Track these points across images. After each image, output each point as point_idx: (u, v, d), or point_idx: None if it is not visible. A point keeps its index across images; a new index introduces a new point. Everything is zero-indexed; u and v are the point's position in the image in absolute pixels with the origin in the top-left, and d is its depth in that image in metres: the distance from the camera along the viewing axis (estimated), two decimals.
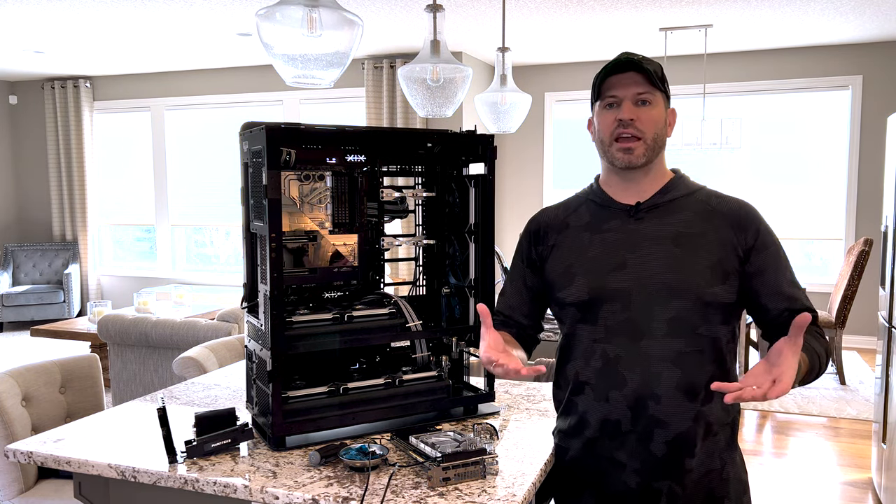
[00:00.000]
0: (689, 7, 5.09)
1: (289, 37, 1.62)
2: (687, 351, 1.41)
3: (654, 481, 1.45)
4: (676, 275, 1.41)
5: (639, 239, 1.45)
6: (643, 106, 1.43)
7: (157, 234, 8.22)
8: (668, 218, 1.46)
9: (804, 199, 6.69)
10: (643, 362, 1.42)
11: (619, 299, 1.44)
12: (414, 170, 1.90)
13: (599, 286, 1.45)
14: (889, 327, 3.21)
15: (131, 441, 1.65)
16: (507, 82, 3.38)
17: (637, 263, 1.43)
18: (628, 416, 1.44)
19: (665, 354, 1.41)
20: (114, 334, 4.12)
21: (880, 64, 6.38)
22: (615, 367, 1.44)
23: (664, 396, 1.41)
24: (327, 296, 1.85)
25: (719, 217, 1.46)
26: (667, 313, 1.41)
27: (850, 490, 3.60)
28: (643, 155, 1.45)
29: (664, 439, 1.43)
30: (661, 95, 1.46)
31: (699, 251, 1.42)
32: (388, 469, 1.49)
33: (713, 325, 1.42)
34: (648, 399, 1.42)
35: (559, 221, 1.57)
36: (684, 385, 1.41)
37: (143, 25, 5.63)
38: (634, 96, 1.43)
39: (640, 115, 1.43)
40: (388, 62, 6.80)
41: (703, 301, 1.40)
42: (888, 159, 3.35)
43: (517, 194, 7.53)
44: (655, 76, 1.43)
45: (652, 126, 1.44)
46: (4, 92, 8.43)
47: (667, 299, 1.41)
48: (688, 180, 1.53)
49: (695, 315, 1.41)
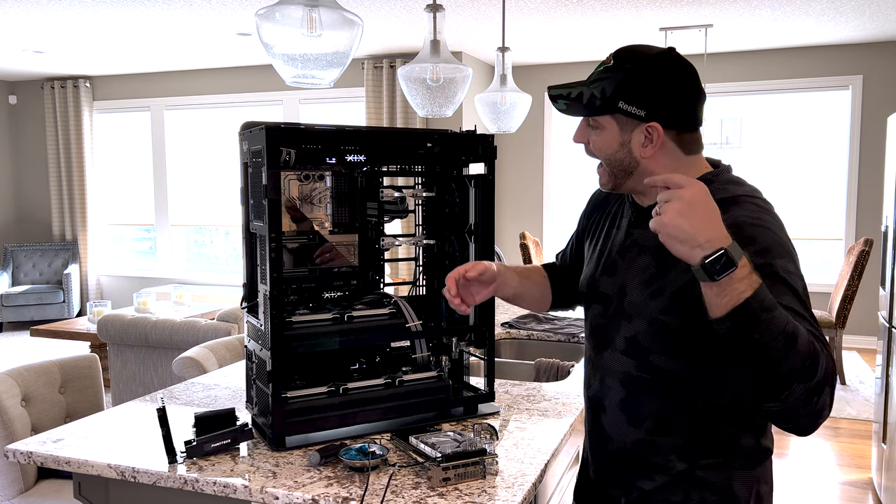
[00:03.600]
0: (689, 7, 5.09)
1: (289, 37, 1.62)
2: (635, 375, 1.32)
3: (608, 487, 1.43)
4: (643, 293, 1.29)
5: (630, 245, 1.36)
6: (594, 129, 1.33)
7: (157, 234, 8.22)
8: None
9: (804, 199, 6.69)
10: (601, 372, 1.40)
11: (601, 302, 1.40)
12: (414, 170, 1.90)
13: (592, 284, 1.43)
14: (889, 327, 3.21)
15: (131, 441, 1.65)
16: (507, 82, 3.38)
17: (623, 271, 1.35)
18: (590, 417, 1.46)
19: (616, 371, 1.36)
20: (114, 334, 4.12)
21: (880, 64, 6.38)
22: (589, 365, 1.46)
23: (609, 411, 1.38)
24: (327, 296, 1.85)
25: None
26: (628, 331, 1.33)
27: (850, 490, 3.60)
28: (608, 181, 1.35)
29: (609, 451, 1.40)
30: (611, 118, 1.29)
31: (671, 271, 1.25)
32: (388, 469, 1.49)
33: (669, 357, 1.28)
34: (599, 409, 1.41)
35: (611, 203, 1.50)
36: (627, 408, 1.35)
37: (143, 25, 5.63)
38: (583, 121, 1.35)
39: (591, 139, 1.34)
40: (388, 62, 6.80)
41: (656, 328, 1.28)
42: (888, 159, 3.35)
43: (517, 194, 7.53)
44: (590, 101, 1.28)
45: (602, 150, 1.33)
46: (4, 92, 8.43)
47: (631, 316, 1.32)
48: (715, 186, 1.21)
49: (647, 339, 1.30)
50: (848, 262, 5.32)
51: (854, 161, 6.48)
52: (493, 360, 1.87)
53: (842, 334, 5.28)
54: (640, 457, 1.35)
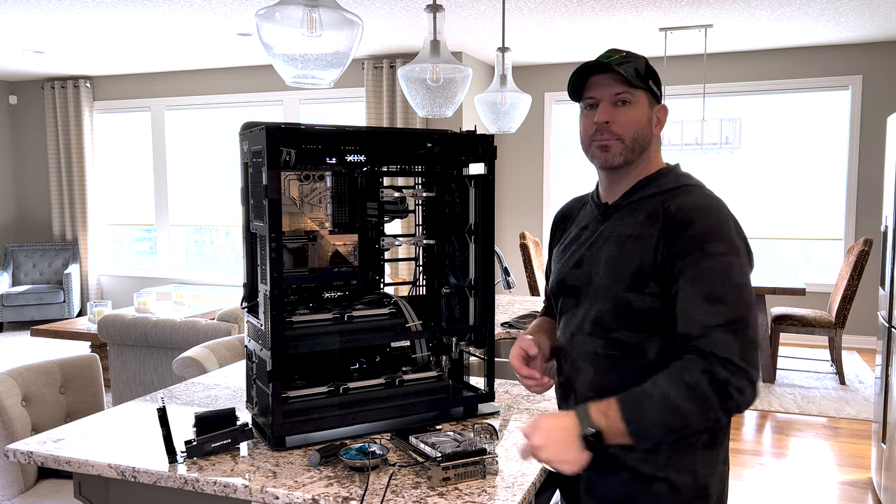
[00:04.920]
0: (689, 7, 5.09)
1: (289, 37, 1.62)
2: (601, 353, 1.41)
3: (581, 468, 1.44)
4: (607, 277, 1.40)
5: (598, 238, 1.46)
6: (622, 106, 1.39)
7: (157, 234, 8.22)
8: (626, 219, 1.43)
9: (804, 199, 6.69)
10: (571, 356, 1.47)
11: (572, 295, 1.49)
12: (414, 170, 1.90)
13: (562, 279, 1.51)
14: (889, 327, 3.21)
15: (131, 441, 1.65)
16: (507, 82, 3.38)
17: (589, 262, 1.45)
18: (563, 404, 1.52)
19: (585, 353, 1.44)
20: (114, 334, 4.12)
21: (880, 64, 6.38)
22: (559, 355, 1.53)
23: (579, 392, 1.45)
24: (327, 296, 1.85)
25: (661, 220, 1.35)
26: (593, 313, 1.43)
27: (850, 490, 3.60)
28: (620, 154, 1.40)
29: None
30: (644, 93, 1.40)
31: (630, 254, 1.37)
32: (388, 469, 1.49)
33: (633, 332, 1.37)
34: (570, 391, 1.48)
35: (573, 213, 1.62)
36: (596, 386, 1.42)
37: (144, 26, 5.63)
38: (613, 97, 1.39)
39: (617, 117, 1.39)
40: (388, 62, 6.80)
41: (617, 305, 1.37)
42: (888, 159, 3.35)
43: (517, 194, 7.53)
44: (631, 76, 1.38)
45: (631, 126, 1.40)
46: (4, 92, 8.43)
47: (595, 299, 1.42)
48: (668, 179, 1.42)
49: (612, 319, 1.39)
50: (848, 262, 5.32)
51: (854, 161, 6.48)
52: (493, 360, 1.87)
53: (842, 334, 5.28)
54: None
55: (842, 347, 5.46)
